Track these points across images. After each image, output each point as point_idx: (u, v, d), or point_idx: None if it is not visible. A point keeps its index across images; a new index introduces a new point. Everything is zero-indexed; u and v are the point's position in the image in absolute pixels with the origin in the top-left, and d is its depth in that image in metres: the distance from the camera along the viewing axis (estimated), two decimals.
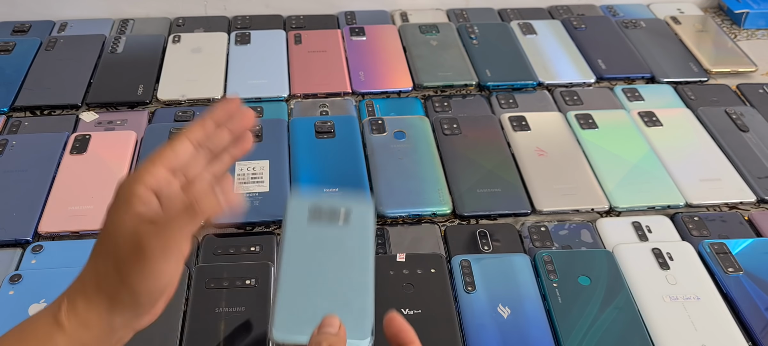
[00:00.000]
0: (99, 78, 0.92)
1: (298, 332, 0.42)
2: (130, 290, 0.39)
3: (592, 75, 0.96)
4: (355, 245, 0.46)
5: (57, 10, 1.07)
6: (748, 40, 1.09)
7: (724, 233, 0.72)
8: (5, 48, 0.97)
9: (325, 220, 0.47)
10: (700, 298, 0.63)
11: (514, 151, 0.81)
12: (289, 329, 0.42)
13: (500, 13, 1.14)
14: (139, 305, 0.40)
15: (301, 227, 0.46)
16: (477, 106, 0.90)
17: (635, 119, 0.87)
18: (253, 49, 0.99)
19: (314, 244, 0.45)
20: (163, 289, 0.40)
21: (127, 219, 0.39)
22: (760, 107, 0.91)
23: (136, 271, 0.38)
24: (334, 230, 0.46)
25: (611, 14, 1.14)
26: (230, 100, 0.44)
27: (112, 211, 0.41)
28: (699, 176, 0.78)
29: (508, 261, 0.67)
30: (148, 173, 0.40)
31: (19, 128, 0.84)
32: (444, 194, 0.74)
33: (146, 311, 0.41)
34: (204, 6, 1.10)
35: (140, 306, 0.40)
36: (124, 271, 0.39)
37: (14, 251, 0.67)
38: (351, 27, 1.04)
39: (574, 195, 0.75)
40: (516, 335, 0.60)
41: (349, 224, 0.47)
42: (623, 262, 0.67)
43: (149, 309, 0.41)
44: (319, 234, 0.46)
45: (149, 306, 0.40)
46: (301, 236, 0.46)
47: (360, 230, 0.47)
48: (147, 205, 0.40)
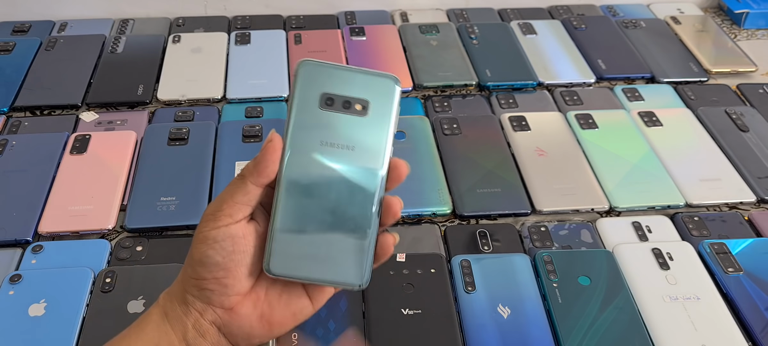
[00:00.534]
0: (99, 78, 0.92)
1: (294, 268, 0.40)
2: (192, 260, 0.42)
3: (592, 75, 0.96)
4: (367, 152, 0.41)
5: (57, 10, 1.07)
6: (748, 40, 1.09)
7: (724, 233, 0.72)
8: (5, 48, 0.97)
9: (340, 109, 0.40)
10: (700, 298, 0.63)
11: (514, 151, 0.81)
12: (285, 264, 0.40)
13: (500, 13, 1.14)
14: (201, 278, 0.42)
15: (308, 116, 0.40)
16: (477, 106, 0.90)
17: (635, 119, 0.87)
18: (253, 49, 0.99)
19: (321, 143, 0.40)
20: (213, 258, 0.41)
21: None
22: (760, 107, 0.91)
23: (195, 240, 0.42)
24: (347, 122, 0.40)
25: (611, 14, 1.14)
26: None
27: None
28: (699, 175, 0.78)
29: (508, 261, 0.67)
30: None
31: (19, 128, 0.84)
32: (444, 194, 0.74)
33: (210, 286, 0.42)
34: (204, 6, 1.10)
35: (202, 280, 0.42)
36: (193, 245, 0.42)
37: (14, 251, 0.67)
38: (351, 27, 1.04)
39: (574, 195, 0.75)
40: (516, 335, 0.60)
41: (366, 117, 0.40)
42: (623, 262, 0.67)
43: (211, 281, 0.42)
44: (328, 128, 0.40)
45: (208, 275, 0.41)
46: (306, 129, 0.40)
47: (376, 124, 0.41)
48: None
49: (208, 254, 0.41)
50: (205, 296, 0.42)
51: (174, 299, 0.43)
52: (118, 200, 0.73)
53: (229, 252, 0.41)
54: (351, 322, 0.60)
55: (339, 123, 0.40)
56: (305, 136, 0.41)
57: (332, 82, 0.41)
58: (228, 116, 0.87)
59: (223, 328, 0.43)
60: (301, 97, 0.41)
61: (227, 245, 0.41)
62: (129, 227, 0.70)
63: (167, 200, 0.72)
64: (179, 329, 0.42)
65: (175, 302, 0.43)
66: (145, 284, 0.63)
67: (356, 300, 0.62)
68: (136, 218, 0.70)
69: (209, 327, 0.42)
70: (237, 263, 0.42)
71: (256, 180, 0.41)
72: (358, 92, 0.41)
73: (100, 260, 0.66)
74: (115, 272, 0.64)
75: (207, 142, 0.81)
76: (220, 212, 0.41)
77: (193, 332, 0.42)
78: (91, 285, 0.63)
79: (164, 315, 0.43)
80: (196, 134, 0.81)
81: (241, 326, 0.43)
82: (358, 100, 0.41)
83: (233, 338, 0.43)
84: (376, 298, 0.62)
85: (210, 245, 0.41)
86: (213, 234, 0.41)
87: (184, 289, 0.43)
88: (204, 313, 0.42)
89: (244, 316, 0.43)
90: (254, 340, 0.44)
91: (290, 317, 0.44)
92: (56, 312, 0.60)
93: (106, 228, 0.70)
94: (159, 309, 0.43)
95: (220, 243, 0.41)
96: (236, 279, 0.42)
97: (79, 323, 0.60)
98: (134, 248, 0.67)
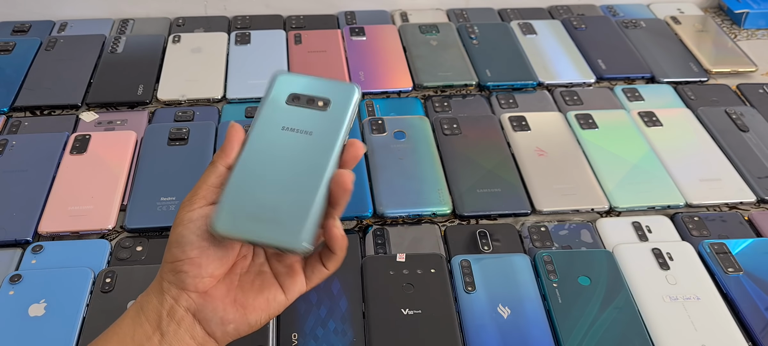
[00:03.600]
0: (99, 78, 0.92)
1: (239, 228, 0.41)
2: (169, 244, 0.43)
3: (592, 75, 0.96)
4: (324, 135, 0.44)
5: (57, 10, 1.07)
6: (748, 40, 1.09)
7: (724, 233, 0.72)
8: (5, 48, 0.97)
9: (303, 105, 0.45)
10: (700, 298, 0.63)
11: (514, 151, 0.81)
12: (230, 224, 0.41)
13: (500, 13, 1.14)
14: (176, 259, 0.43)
15: (275, 110, 0.45)
16: (477, 106, 0.90)
17: (635, 119, 0.87)
18: (253, 49, 0.99)
19: (282, 128, 0.44)
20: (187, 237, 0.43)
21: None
22: (760, 107, 0.91)
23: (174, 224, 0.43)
24: (308, 115, 0.45)
25: (611, 14, 1.14)
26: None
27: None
28: (699, 176, 0.78)
29: (508, 261, 0.67)
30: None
31: (19, 128, 0.84)
32: (444, 194, 0.74)
33: (185, 267, 0.43)
34: (204, 6, 1.10)
35: (178, 262, 0.43)
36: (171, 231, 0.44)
37: (14, 251, 0.67)
38: (351, 27, 1.04)
39: (574, 195, 0.75)
40: (516, 335, 0.60)
41: (326, 112, 0.45)
42: (623, 262, 0.67)
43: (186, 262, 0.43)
44: (290, 117, 0.45)
45: (182, 256, 0.43)
46: (270, 118, 0.45)
47: (335, 117, 0.45)
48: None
49: (183, 233, 0.42)
50: (179, 280, 0.43)
51: (151, 293, 0.44)
52: (118, 200, 0.73)
53: (203, 231, 0.42)
54: (351, 322, 0.60)
55: (301, 114, 0.45)
56: (269, 122, 0.45)
57: (301, 85, 0.46)
58: (228, 116, 0.87)
59: (198, 313, 0.43)
60: (272, 96, 0.46)
61: (201, 224, 0.42)
62: (129, 227, 0.70)
63: (167, 200, 0.72)
64: (153, 319, 0.43)
65: (152, 295, 0.44)
66: (145, 284, 0.61)
67: (356, 300, 0.62)
68: (136, 218, 0.70)
69: (184, 314, 0.43)
70: (210, 243, 0.43)
71: (223, 160, 0.44)
72: (322, 93, 0.46)
73: (100, 260, 0.66)
74: (115, 272, 0.64)
75: (207, 142, 0.81)
76: (195, 196, 0.43)
77: (168, 319, 0.43)
78: (91, 285, 0.63)
79: (139, 309, 0.44)
80: (196, 134, 0.81)
81: (216, 310, 0.43)
82: (321, 99, 0.46)
83: (207, 323, 0.44)
84: (376, 298, 0.62)
85: (185, 225, 0.42)
86: (188, 215, 0.43)
87: (161, 278, 0.44)
88: (178, 299, 0.43)
89: (217, 299, 0.44)
90: (229, 326, 0.44)
91: (263, 303, 0.45)
92: (56, 312, 0.60)
93: (106, 228, 0.70)
94: (136, 305, 0.45)
95: (194, 222, 0.42)
96: (209, 259, 0.43)
97: (79, 323, 0.60)
98: (134, 248, 0.67)
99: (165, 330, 0.43)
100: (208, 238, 0.43)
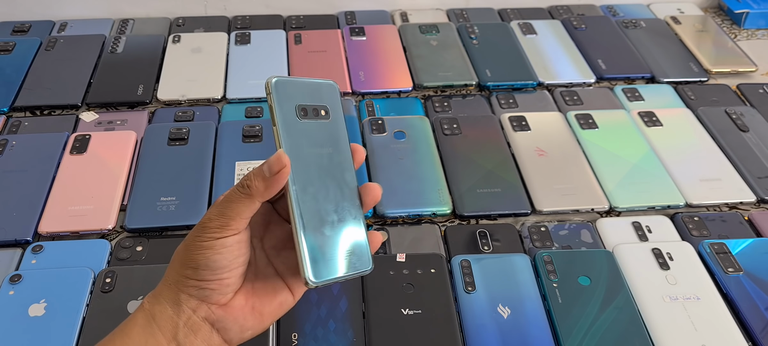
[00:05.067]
0: (99, 78, 0.92)
1: (327, 273, 0.43)
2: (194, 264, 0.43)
3: (592, 75, 0.96)
4: (339, 149, 0.47)
5: (57, 10, 1.07)
6: (748, 40, 1.09)
7: (724, 233, 0.72)
8: (5, 48, 0.97)
9: (312, 117, 0.46)
10: (700, 298, 0.63)
11: (514, 151, 0.81)
12: (321, 274, 0.43)
13: (500, 13, 1.14)
14: (204, 280, 0.43)
15: (292, 125, 0.45)
16: (477, 106, 0.90)
17: (635, 119, 0.87)
18: (253, 49, 0.99)
19: (309, 147, 0.45)
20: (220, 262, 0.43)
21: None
22: (760, 107, 0.91)
23: (196, 246, 0.43)
24: (319, 128, 0.46)
25: (611, 14, 1.14)
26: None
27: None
28: (699, 175, 0.78)
29: (508, 261, 0.67)
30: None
31: (19, 128, 0.84)
32: (444, 194, 0.74)
33: (213, 286, 0.43)
34: (204, 6, 1.10)
35: (205, 281, 0.43)
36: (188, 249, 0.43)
37: (14, 251, 0.67)
38: (351, 27, 1.04)
39: (574, 195, 0.75)
40: (516, 335, 0.60)
41: (329, 120, 0.47)
42: (623, 262, 0.67)
43: (214, 282, 0.43)
44: (309, 134, 0.46)
45: (212, 277, 0.43)
46: (296, 138, 0.45)
47: (335, 123, 0.47)
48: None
49: (214, 259, 0.42)
50: (203, 295, 0.43)
51: (163, 300, 0.44)
52: (118, 200, 0.73)
53: (234, 256, 0.43)
54: (351, 322, 0.60)
55: (315, 129, 0.46)
56: (296, 144, 0.45)
57: (300, 93, 0.47)
58: (228, 116, 0.87)
59: (217, 323, 0.44)
60: (282, 110, 0.45)
61: (234, 250, 0.43)
62: (129, 227, 0.70)
63: (167, 200, 0.72)
64: (168, 330, 0.43)
65: (165, 304, 0.43)
66: (145, 284, 0.63)
67: (356, 300, 0.62)
68: (136, 218, 0.70)
69: (202, 323, 0.43)
70: (238, 264, 0.44)
71: (266, 197, 0.43)
72: (319, 100, 0.47)
73: (100, 260, 0.66)
74: (115, 272, 0.64)
75: (207, 142, 0.81)
76: (229, 225, 0.43)
77: (185, 329, 0.43)
78: (91, 285, 0.63)
79: (151, 318, 0.43)
80: (196, 134, 0.81)
81: (236, 319, 0.44)
82: (322, 107, 0.47)
83: (227, 333, 0.44)
84: (376, 298, 0.62)
85: (217, 251, 0.43)
86: (221, 242, 0.43)
87: (178, 289, 0.43)
88: (197, 310, 0.43)
89: (237, 309, 0.44)
90: (247, 333, 0.45)
91: (277, 307, 0.46)
92: (56, 312, 0.60)
93: (106, 228, 0.70)
94: (144, 313, 0.44)
95: (228, 249, 0.43)
96: (236, 278, 0.44)
97: (79, 323, 0.60)
98: (134, 248, 0.67)
99: (182, 341, 0.43)
100: (237, 261, 0.43)
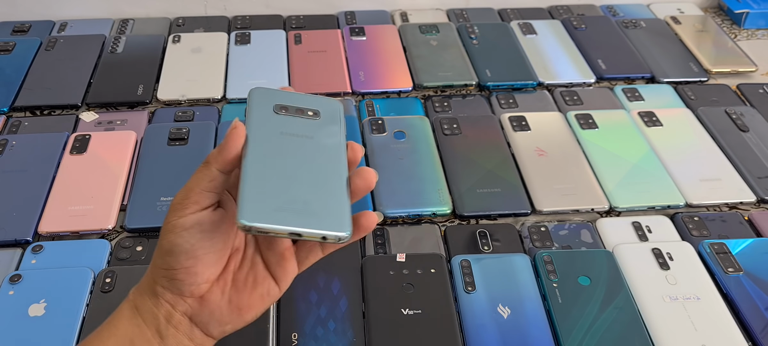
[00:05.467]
0: (99, 78, 0.92)
1: (268, 219, 0.39)
2: (161, 251, 0.42)
3: (592, 75, 0.96)
4: (325, 138, 0.43)
5: (57, 10, 1.07)
6: (748, 40, 1.09)
7: (724, 233, 0.72)
8: (5, 48, 0.97)
9: (293, 114, 0.44)
10: (700, 298, 0.63)
11: (514, 151, 0.81)
12: (258, 215, 0.38)
13: (500, 13, 1.14)
14: (170, 268, 0.42)
15: (265, 116, 0.43)
16: (477, 106, 0.90)
17: (635, 119, 0.87)
18: (253, 49, 0.99)
19: (281, 133, 0.43)
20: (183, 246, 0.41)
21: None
22: (760, 107, 0.91)
23: (163, 231, 0.42)
24: (302, 122, 0.43)
25: (611, 14, 1.14)
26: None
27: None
28: (699, 175, 0.78)
29: (508, 261, 0.67)
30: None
31: (19, 128, 0.84)
32: (444, 194, 0.74)
33: (180, 276, 0.42)
34: (204, 6, 1.10)
35: (172, 270, 0.42)
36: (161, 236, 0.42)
37: (14, 251, 0.67)
38: (351, 27, 1.04)
39: (574, 195, 0.75)
40: (516, 335, 0.60)
41: (318, 119, 0.44)
42: (623, 262, 0.67)
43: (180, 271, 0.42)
44: (285, 124, 0.43)
45: (177, 265, 0.41)
46: (266, 124, 0.43)
47: (329, 124, 0.44)
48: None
49: (176, 243, 0.41)
50: (175, 287, 0.42)
51: (144, 293, 0.43)
52: (118, 200, 0.73)
53: (197, 240, 0.41)
54: (351, 322, 0.60)
55: (295, 121, 0.44)
56: (266, 128, 0.43)
57: (284, 99, 0.45)
58: (228, 116, 0.87)
59: (195, 317, 0.43)
60: (256, 109, 0.44)
61: (195, 233, 0.41)
62: (129, 227, 0.70)
63: (167, 200, 0.72)
64: (152, 323, 0.43)
65: (145, 296, 0.43)
66: None
67: (356, 300, 0.62)
68: (136, 218, 0.70)
69: (181, 318, 0.43)
70: (205, 251, 0.42)
71: (221, 164, 0.41)
72: (308, 105, 0.45)
73: (100, 260, 0.66)
74: (115, 272, 0.64)
75: (207, 142, 0.80)
76: (187, 200, 0.41)
77: (166, 323, 0.43)
78: (91, 285, 0.63)
79: (135, 310, 0.43)
80: (196, 134, 0.81)
81: (212, 313, 0.43)
82: (310, 109, 0.45)
83: (205, 326, 0.44)
84: (376, 298, 0.62)
85: (178, 234, 0.41)
86: (181, 222, 0.41)
87: (154, 280, 0.43)
88: (176, 305, 0.43)
89: (213, 302, 0.43)
90: (227, 327, 0.44)
91: (258, 300, 0.44)
92: (56, 312, 0.60)
93: (106, 228, 0.70)
94: (129, 304, 0.44)
95: (188, 231, 0.41)
96: (205, 266, 0.42)
97: (79, 323, 0.60)
98: (134, 248, 0.67)
99: (164, 334, 0.43)
100: (202, 246, 0.41)
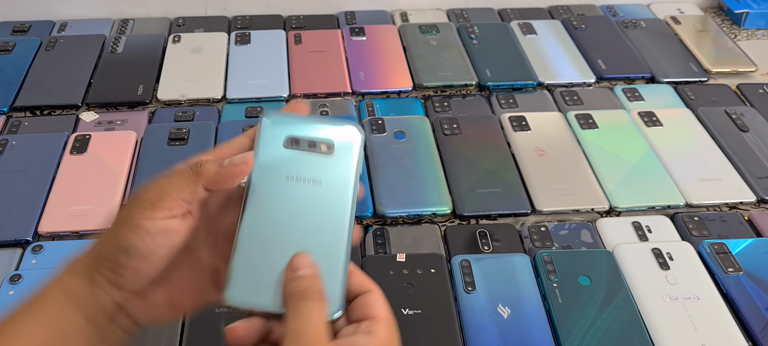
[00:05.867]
0: (99, 78, 0.92)
1: (254, 297, 0.36)
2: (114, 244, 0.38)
3: (592, 75, 0.96)
4: (334, 184, 0.39)
5: (57, 10, 1.07)
6: (748, 40, 1.09)
7: (724, 233, 0.72)
8: (5, 48, 0.97)
9: (304, 149, 0.40)
10: (700, 298, 0.63)
11: (514, 151, 0.81)
12: (244, 293, 0.36)
13: (500, 13, 1.14)
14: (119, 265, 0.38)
15: (274, 152, 0.39)
16: (477, 106, 0.90)
17: (635, 119, 0.87)
18: (253, 49, 0.99)
19: (287, 177, 0.39)
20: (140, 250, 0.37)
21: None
22: (760, 107, 0.91)
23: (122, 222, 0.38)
24: (312, 160, 0.40)
25: (611, 14, 1.14)
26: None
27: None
28: (699, 175, 0.78)
29: (508, 261, 0.67)
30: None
31: (19, 128, 0.84)
32: (444, 194, 0.74)
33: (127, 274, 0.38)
34: (204, 6, 1.10)
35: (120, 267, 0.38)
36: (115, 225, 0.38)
37: (14, 251, 0.67)
38: (351, 27, 1.04)
39: (574, 195, 0.75)
40: (516, 335, 0.60)
41: (331, 156, 0.40)
42: (623, 262, 0.67)
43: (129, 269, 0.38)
44: (294, 165, 0.39)
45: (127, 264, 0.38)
46: (272, 165, 0.39)
47: (342, 161, 0.40)
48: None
49: (135, 245, 0.37)
50: (116, 280, 0.38)
51: (77, 277, 0.39)
52: (118, 200, 0.73)
53: (158, 247, 0.38)
54: None
55: (305, 160, 0.40)
56: (270, 171, 0.39)
57: (297, 129, 0.41)
58: (228, 116, 0.87)
59: (128, 308, 0.39)
60: (265, 140, 0.40)
61: (158, 240, 0.37)
62: None
63: None
64: (84, 310, 0.38)
65: (78, 282, 0.38)
66: None
67: None
68: None
69: (117, 310, 0.39)
70: (161, 257, 0.38)
71: (212, 186, 0.38)
72: (323, 135, 0.41)
73: None
74: None
75: (207, 142, 0.81)
76: (161, 203, 0.38)
77: (100, 312, 0.38)
78: None
79: (66, 295, 0.38)
80: (196, 134, 0.81)
81: (147, 311, 0.40)
82: (324, 142, 0.40)
83: (137, 317, 0.40)
84: None
85: (140, 237, 0.37)
86: (146, 224, 0.37)
87: (94, 268, 0.38)
88: (111, 295, 0.38)
89: (151, 301, 0.40)
90: (160, 320, 0.41)
91: (198, 299, 0.41)
92: None
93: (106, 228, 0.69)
94: (61, 287, 0.39)
95: (152, 236, 0.37)
96: (154, 268, 0.38)
97: None
98: None
99: (98, 323, 0.38)
100: (161, 254, 0.38)
